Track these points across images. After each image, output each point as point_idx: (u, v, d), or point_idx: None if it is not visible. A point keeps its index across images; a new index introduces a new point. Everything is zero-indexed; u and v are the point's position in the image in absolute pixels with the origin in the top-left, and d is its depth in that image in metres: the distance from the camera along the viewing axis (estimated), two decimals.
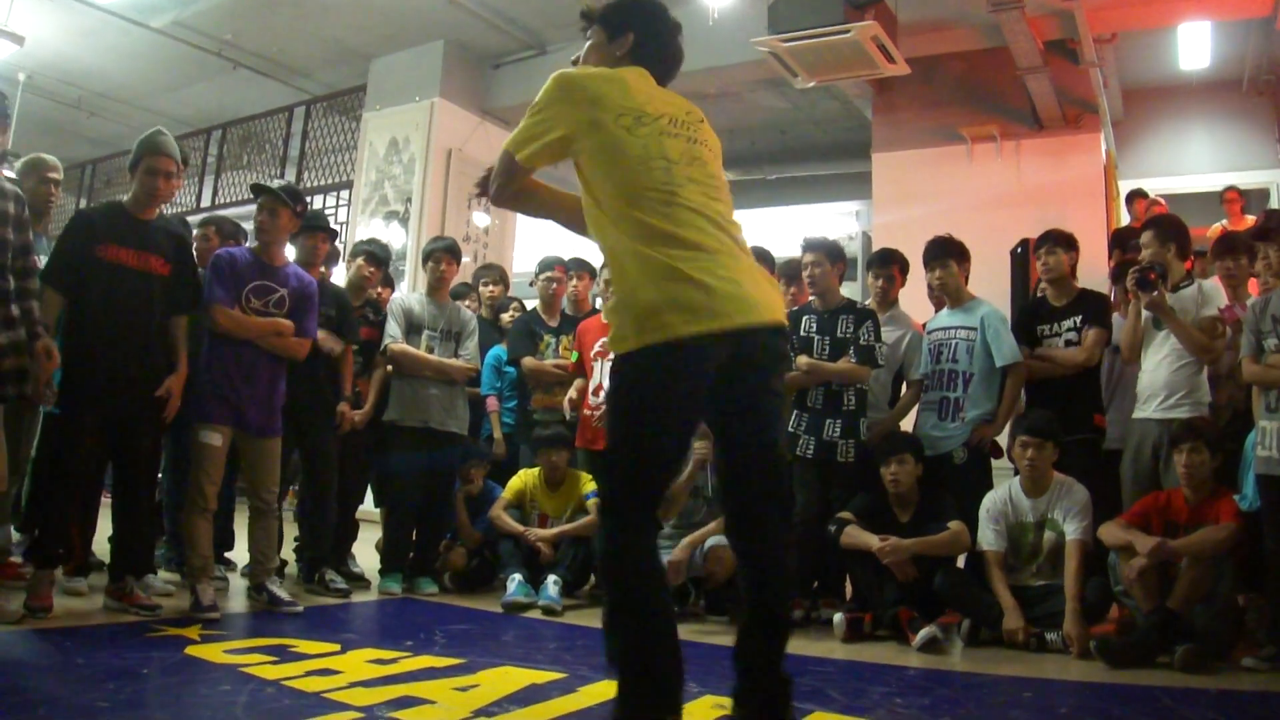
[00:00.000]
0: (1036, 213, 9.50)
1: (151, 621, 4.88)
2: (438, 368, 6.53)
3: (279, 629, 5.09)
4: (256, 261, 5.59)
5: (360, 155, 11.99)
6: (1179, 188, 11.29)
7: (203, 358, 5.53)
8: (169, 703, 3.48)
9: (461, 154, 11.43)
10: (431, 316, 6.63)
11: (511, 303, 7.81)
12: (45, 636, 4.48)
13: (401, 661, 4.36)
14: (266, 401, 5.55)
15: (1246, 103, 11.72)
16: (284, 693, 3.73)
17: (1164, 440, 5.40)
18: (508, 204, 3.51)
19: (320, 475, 6.00)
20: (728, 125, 13.51)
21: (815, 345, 5.91)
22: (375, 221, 11.45)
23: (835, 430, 5.83)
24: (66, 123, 13.81)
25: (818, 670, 4.69)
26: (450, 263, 6.78)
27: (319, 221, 6.46)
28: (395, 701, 3.67)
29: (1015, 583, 5.40)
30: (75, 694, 3.53)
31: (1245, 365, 5.00)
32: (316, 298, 5.80)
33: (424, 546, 6.72)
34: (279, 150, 13.71)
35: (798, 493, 5.89)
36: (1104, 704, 4.21)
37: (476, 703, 3.68)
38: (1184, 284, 5.66)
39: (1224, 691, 4.32)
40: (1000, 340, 5.87)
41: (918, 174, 11.04)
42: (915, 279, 6.64)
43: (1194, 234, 6.43)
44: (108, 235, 5.05)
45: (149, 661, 4.06)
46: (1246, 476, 5.12)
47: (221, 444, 5.39)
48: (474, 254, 11.10)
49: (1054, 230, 6.19)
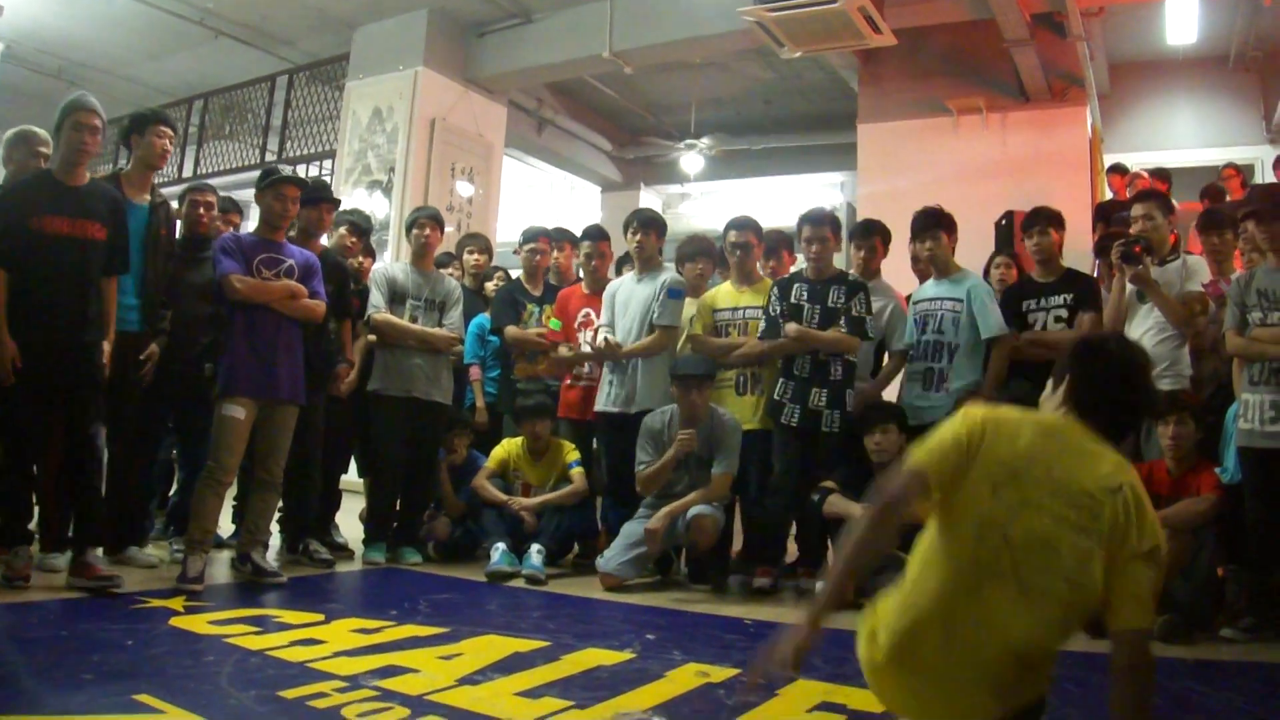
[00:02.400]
0: (1021, 185, 9.53)
1: (135, 593, 4.87)
2: (421, 337, 6.51)
3: (263, 600, 5.10)
4: (260, 239, 5.61)
5: (343, 125, 11.90)
6: (1164, 162, 11.29)
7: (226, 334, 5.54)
8: (154, 674, 3.47)
9: (445, 123, 11.37)
10: (415, 285, 6.61)
11: (495, 272, 7.79)
12: (29, 609, 4.47)
13: (385, 631, 4.37)
14: (293, 366, 5.59)
15: (1233, 78, 11.73)
16: (268, 663, 3.73)
17: None
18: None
19: (306, 446, 5.97)
20: (712, 95, 13.51)
21: (805, 313, 5.90)
22: (358, 191, 11.38)
23: (821, 399, 5.83)
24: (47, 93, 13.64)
25: None
26: (434, 230, 6.76)
27: (323, 193, 6.42)
28: (379, 670, 3.67)
29: None
30: (59, 666, 3.52)
31: (1229, 338, 5.01)
32: (319, 266, 5.81)
33: (408, 516, 6.71)
34: (261, 120, 13.61)
35: (776, 460, 5.92)
36: (1084, 672, 4.21)
37: (460, 671, 3.69)
38: (1170, 258, 5.67)
39: (1203, 661, 4.36)
40: (987, 312, 5.87)
41: (903, 145, 11.04)
42: (897, 250, 6.64)
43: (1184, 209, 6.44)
44: (40, 206, 4.96)
45: (134, 633, 4.06)
46: (1228, 449, 5.15)
47: (245, 418, 5.38)
48: (458, 223, 11.05)
49: (1044, 208, 6.17)
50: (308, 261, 5.71)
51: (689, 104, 13.40)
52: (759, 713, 3.35)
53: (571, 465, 6.45)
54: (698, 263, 6.67)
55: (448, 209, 10.72)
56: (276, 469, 5.63)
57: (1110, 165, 10.91)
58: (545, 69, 11.72)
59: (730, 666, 3.94)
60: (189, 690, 3.27)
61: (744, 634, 4.73)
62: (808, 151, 14.62)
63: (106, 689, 3.23)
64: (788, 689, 3.61)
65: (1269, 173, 10.41)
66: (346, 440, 6.80)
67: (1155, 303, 5.47)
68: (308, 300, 5.61)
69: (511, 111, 12.72)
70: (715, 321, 6.36)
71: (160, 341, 5.68)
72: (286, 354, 5.54)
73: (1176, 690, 3.88)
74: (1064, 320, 5.89)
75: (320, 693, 3.34)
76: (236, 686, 3.37)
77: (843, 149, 12.97)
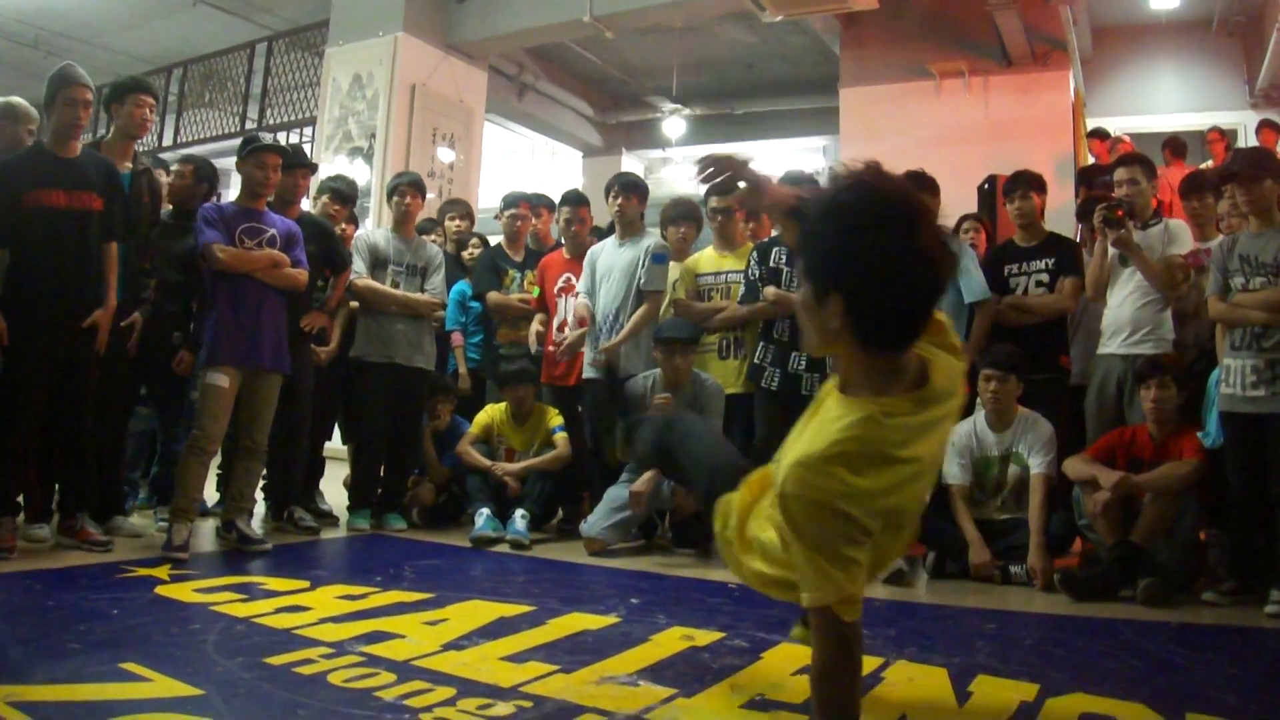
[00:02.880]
0: (1004, 149, 9.53)
1: (121, 562, 4.87)
2: (403, 303, 6.49)
3: (248, 567, 5.10)
4: (241, 209, 5.59)
5: (323, 91, 11.82)
6: (1147, 127, 11.31)
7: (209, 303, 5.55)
8: (140, 642, 3.47)
9: (425, 89, 11.30)
10: (397, 251, 6.58)
11: (471, 239, 7.75)
12: (13, 580, 4.46)
13: (371, 597, 4.37)
14: (277, 335, 5.58)
15: (1216, 43, 11.73)
16: (254, 630, 3.73)
17: (1128, 376, 5.45)
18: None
19: (291, 412, 5.96)
20: (694, 60, 13.43)
21: (784, 277, 5.90)
22: (339, 158, 11.32)
23: (801, 363, 5.82)
24: (24, 63, 13.55)
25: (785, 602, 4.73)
26: (415, 196, 6.73)
27: (299, 158, 6.38)
28: (365, 636, 3.68)
29: (980, 516, 5.45)
30: (46, 636, 3.52)
31: (1211, 304, 5.02)
32: (301, 234, 5.78)
33: (392, 482, 6.72)
34: (241, 88, 13.54)
35: (758, 424, 5.93)
36: (1067, 636, 4.26)
37: (446, 636, 3.70)
38: (1153, 222, 5.67)
39: (1185, 625, 4.39)
40: (969, 276, 5.87)
41: (885, 110, 11.03)
42: None
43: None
44: (35, 180, 4.99)
45: (119, 602, 4.05)
46: (1210, 413, 5.17)
47: (229, 386, 5.38)
48: (439, 190, 11.01)
49: (1024, 172, 6.17)
50: (290, 230, 5.69)
51: (670, 68, 13.34)
52: (744, 676, 3.36)
53: (555, 430, 6.45)
54: (680, 226, 6.64)
55: (429, 175, 10.66)
56: (261, 437, 5.63)
57: (1091, 130, 10.91)
58: (526, 33, 11.64)
59: (715, 630, 3.95)
60: (175, 658, 3.27)
61: (728, 598, 4.74)
62: (790, 116, 14.58)
63: (93, 658, 3.23)
64: (772, 652, 3.63)
65: (1252, 138, 10.42)
66: (330, 407, 6.78)
67: (1137, 266, 5.48)
68: (290, 269, 5.59)
69: (492, 77, 12.64)
70: (698, 286, 6.37)
71: (144, 310, 5.66)
72: (270, 322, 5.52)
73: (1158, 652, 3.92)
74: (1045, 285, 5.90)
75: (306, 659, 3.34)
76: (223, 654, 3.37)
77: (825, 113, 12.94)
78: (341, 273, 6.36)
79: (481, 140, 12.38)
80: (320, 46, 12.23)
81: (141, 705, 2.76)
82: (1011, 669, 3.49)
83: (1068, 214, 8.28)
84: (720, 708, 3.02)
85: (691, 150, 15.58)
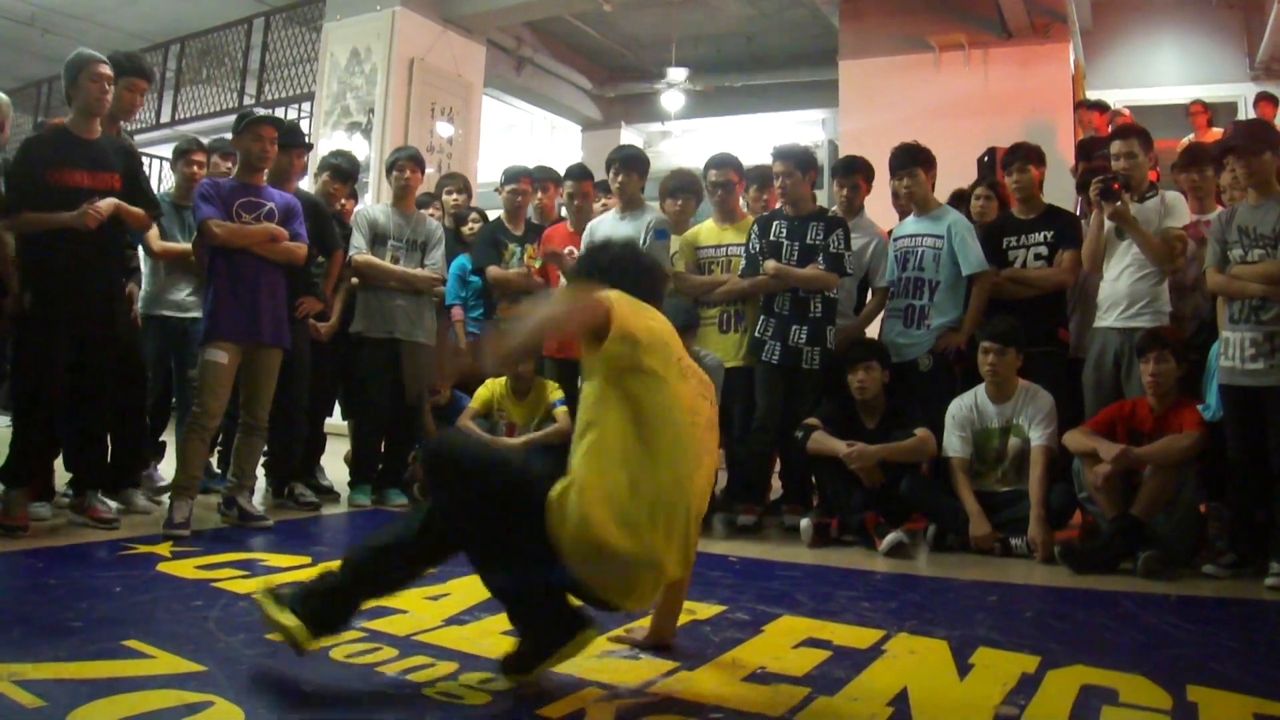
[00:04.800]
0: (1004, 122, 9.50)
1: (123, 540, 4.89)
2: (403, 278, 6.49)
3: (250, 543, 5.11)
4: (239, 184, 5.58)
5: (321, 67, 11.79)
6: (1147, 99, 11.26)
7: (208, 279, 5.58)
8: (142, 619, 3.48)
9: (424, 64, 11.27)
10: (397, 227, 6.57)
11: (470, 214, 7.73)
12: (17, 558, 4.47)
13: None
14: (276, 309, 5.59)
15: (1216, 15, 11.68)
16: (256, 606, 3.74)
17: (1125, 349, 5.45)
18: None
19: (291, 388, 5.96)
20: (693, 32, 13.40)
21: (784, 250, 5.90)
22: (338, 133, 11.30)
23: (801, 336, 5.83)
24: (20, 40, 13.51)
25: (785, 575, 4.76)
26: (414, 171, 6.71)
27: (294, 138, 6.36)
28: (366, 612, 3.65)
29: (980, 488, 5.47)
30: (48, 613, 3.53)
31: (1209, 276, 5.01)
32: (300, 208, 5.78)
33: (392, 458, 6.73)
34: (239, 63, 13.49)
35: (759, 397, 5.93)
36: (1067, 608, 4.27)
37: (448, 611, 3.71)
38: (1149, 194, 5.66)
39: (1184, 597, 4.39)
40: (967, 248, 5.87)
41: (884, 82, 11.00)
42: (880, 187, 6.63)
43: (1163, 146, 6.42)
44: (59, 160, 5.03)
45: (121, 579, 4.06)
46: (1210, 386, 5.17)
47: (228, 362, 5.38)
48: (438, 164, 10.98)
49: (1023, 144, 6.14)
50: (287, 204, 5.68)
51: (669, 42, 13.29)
52: (746, 649, 3.38)
53: (556, 404, 6.44)
54: (679, 198, 6.62)
55: (428, 150, 10.64)
56: (261, 413, 5.63)
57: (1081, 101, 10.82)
58: (524, 7, 11.63)
59: (716, 604, 3.98)
60: (178, 635, 3.28)
61: (729, 571, 4.76)
62: (789, 89, 14.53)
63: (95, 635, 3.24)
64: (773, 625, 3.64)
65: (1251, 110, 10.38)
66: (330, 383, 6.78)
67: (1134, 239, 5.46)
68: (288, 243, 5.58)
69: (490, 51, 12.61)
70: (698, 259, 6.35)
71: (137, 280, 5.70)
72: (269, 297, 5.52)
73: (1158, 625, 3.93)
74: (1044, 258, 5.89)
75: None
76: (225, 630, 3.38)
77: (824, 86, 12.89)
78: (333, 255, 6.35)
79: (480, 114, 12.35)
80: (318, 21, 12.19)
81: (144, 682, 2.77)
82: (1012, 641, 3.51)
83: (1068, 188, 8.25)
84: (722, 681, 3.03)
85: (691, 123, 15.53)
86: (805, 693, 2.89)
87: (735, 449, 6.20)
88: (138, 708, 2.57)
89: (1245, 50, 11.52)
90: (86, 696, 2.63)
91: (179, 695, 2.67)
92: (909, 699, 2.85)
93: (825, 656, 3.29)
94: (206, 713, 2.57)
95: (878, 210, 6.74)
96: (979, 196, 6.60)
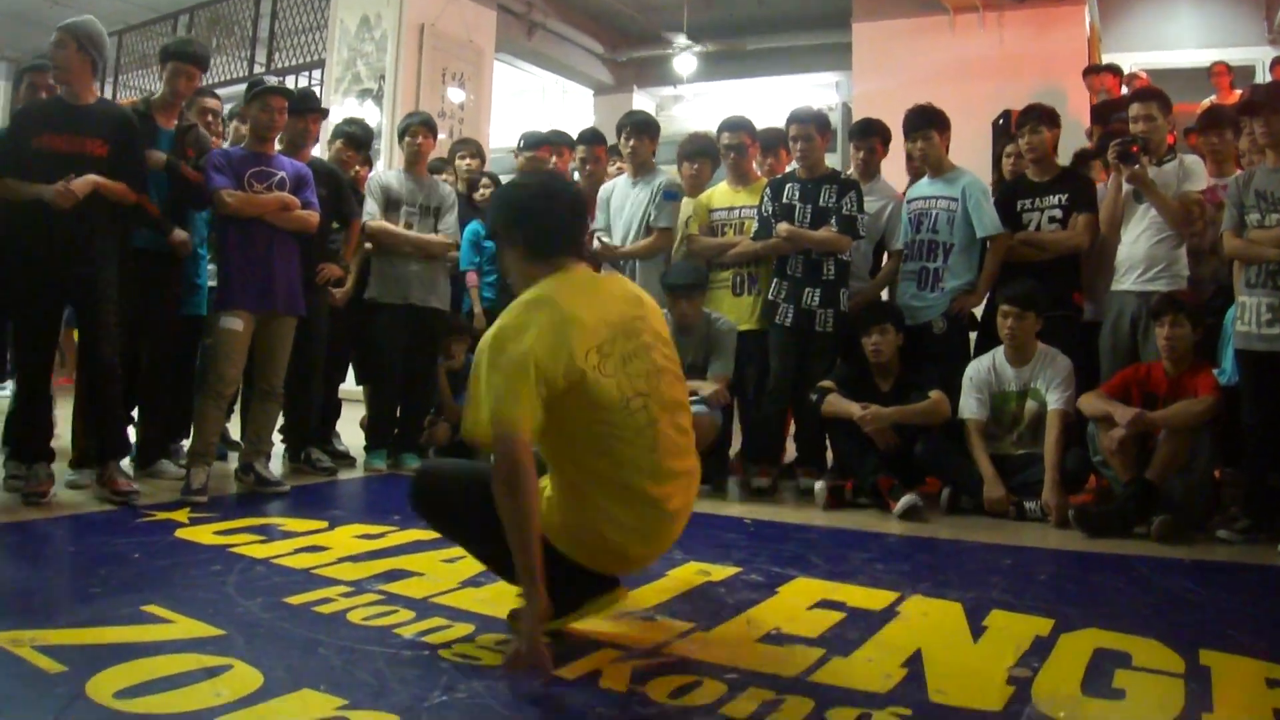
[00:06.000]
0: (1018, 85, 9.45)
1: (142, 506, 4.92)
2: (417, 243, 6.49)
3: (267, 509, 5.14)
4: (250, 153, 5.58)
5: (331, 34, 11.74)
6: (1163, 63, 11.17)
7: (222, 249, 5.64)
8: (161, 585, 3.51)
9: (434, 29, 11.23)
10: (410, 192, 6.56)
11: (483, 179, 7.71)
12: (37, 526, 4.51)
13: (389, 536, 4.42)
14: (289, 277, 5.60)
15: None
16: (274, 570, 3.77)
17: (1142, 313, 5.43)
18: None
19: (307, 354, 5.97)
20: None
21: (797, 213, 5.88)
22: (349, 100, 11.27)
23: (814, 299, 5.82)
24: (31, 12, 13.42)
25: (800, 537, 4.78)
26: (426, 136, 6.69)
27: (309, 103, 6.35)
28: (384, 575, 3.71)
29: (995, 451, 5.47)
30: (68, 579, 3.58)
31: (1226, 239, 4.98)
32: (312, 176, 5.78)
33: (408, 422, 6.74)
34: (248, 32, 13.41)
35: (772, 359, 5.94)
36: (1081, 571, 4.28)
37: (464, 573, 3.73)
38: (1167, 158, 5.62)
39: (1198, 562, 4.40)
40: (982, 211, 5.85)
41: (898, 45, 10.93)
42: (896, 149, 6.60)
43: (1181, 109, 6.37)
44: (42, 125, 5.02)
45: (140, 546, 4.09)
46: (1226, 351, 5.16)
47: (242, 330, 5.40)
48: (450, 130, 10.94)
49: (1036, 106, 6.09)
50: (299, 172, 5.67)
51: (681, 4, 13.20)
52: (760, 610, 3.40)
53: None
54: (695, 162, 6.60)
55: (439, 115, 10.59)
56: (276, 380, 5.65)
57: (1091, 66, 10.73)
58: None
59: (731, 565, 4.00)
60: (197, 600, 3.31)
61: (744, 533, 4.78)
62: (802, 51, 14.41)
63: (115, 601, 3.27)
64: (787, 587, 3.66)
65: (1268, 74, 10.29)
66: (345, 349, 6.80)
67: (1152, 203, 5.44)
68: (300, 211, 5.58)
69: (501, 15, 12.54)
70: (711, 221, 6.34)
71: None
72: (282, 265, 5.53)
73: (1172, 589, 3.94)
74: (1059, 220, 5.86)
75: (326, 598, 3.38)
76: (243, 595, 3.40)
77: (838, 48, 12.80)
78: (351, 224, 6.36)
79: (491, 80, 12.31)
80: None
81: (164, 647, 2.80)
82: (1026, 604, 3.52)
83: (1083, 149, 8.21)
84: (737, 641, 3.05)
85: (703, 87, 15.44)
86: (819, 654, 2.90)
87: (750, 412, 6.21)
88: (157, 672, 2.59)
89: (1263, 13, 11.40)
90: (107, 661, 2.65)
91: (198, 659, 2.70)
92: (923, 660, 2.86)
93: (839, 618, 3.30)
94: (225, 676, 2.59)
95: (891, 173, 6.71)
96: (1009, 154, 6.56)
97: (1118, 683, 2.72)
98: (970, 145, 7.22)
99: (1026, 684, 2.68)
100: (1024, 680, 2.71)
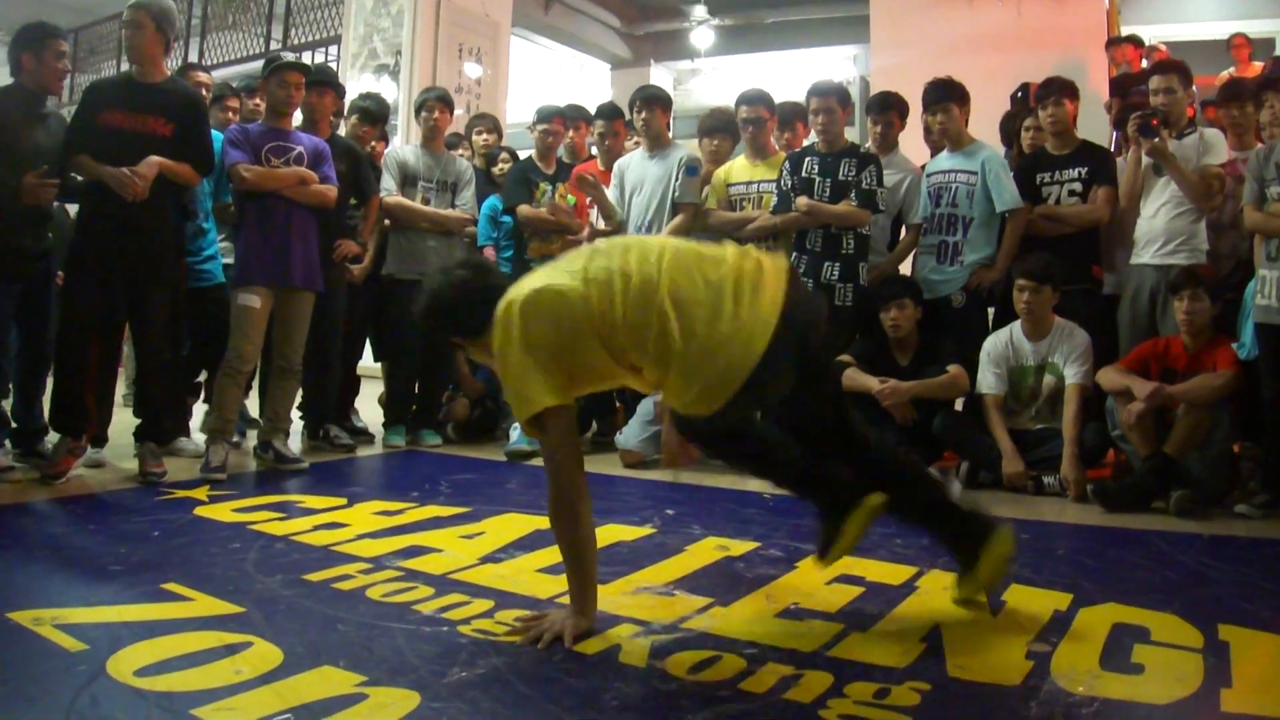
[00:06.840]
0: (1037, 57, 9.34)
1: (161, 485, 4.94)
2: (433, 219, 6.50)
3: (286, 486, 5.17)
4: (267, 128, 5.60)
5: (347, 9, 11.73)
6: (1183, 35, 11.07)
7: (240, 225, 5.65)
8: (181, 562, 3.53)
9: (450, 4, 11.21)
10: (427, 167, 6.57)
11: (500, 153, 7.70)
12: (58, 504, 4.55)
13: (408, 512, 4.44)
14: (307, 253, 5.61)
15: None
16: (293, 547, 3.79)
17: (1161, 287, 5.39)
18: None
19: (325, 330, 5.99)
20: None
21: (816, 187, 5.85)
22: (365, 76, 11.27)
23: (834, 273, 5.80)
24: None
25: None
26: (443, 111, 6.70)
27: (325, 77, 6.36)
28: (402, 551, 3.73)
29: (1014, 426, 5.45)
30: (88, 558, 3.59)
31: (1247, 213, 4.95)
32: (329, 151, 5.80)
33: (426, 398, 6.77)
34: (264, 8, 13.40)
35: None
36: (1100, 546, 4.27)
37: (483, 549, 3.75)
38: (1187, 131, 5.58)
39: (1217, 537, 4.38)
40: (1001, 185, 5.81)
41: (917, 17, 10.84)
42: (914, 123, 6.57)
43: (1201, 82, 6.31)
44: (109, 102, 5.05)
45: (159, 524, 4.13)
46: (1246, 325, 5.12)
47: (260, 306, 5.42)
48: (466, 105, 10.94)
49: (1057, 78, 6.03)
50: (317, 147, 5.69)
51: None
52: (778, 585, 3.40)
53: None
54: (715, 138, 6.57)
55: (456, 90, 10.60)
56: (295, 356, 5.67)
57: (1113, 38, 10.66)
58: None
59: (749, 540, 4.01)
60: (216, 577, 3.33)
61: (763, 508, 4.77)
62: (820, 24, 14.37)
63: (135, 579, 3.29)
64: (806, 561, 3.65)
65: None
66: (363, 325, 6.80)
67: (1172, 176, 5.40)
68: (318, 185, 5.58)
69: None
70: (730, 196, 6.32)
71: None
72: (300, 241, 5.54)
73: (1191, 564, 3.92)
74: (1078, 194, 5.81)
75: (345, 575, 3.39)
76: (262, 572, 3.42)
77: (856, 21, 12.72)
78: (369, 200, 6.36)
79: (508, 54, 12.29)
80: None
81: (184, 624, 2.82)
82: (1044, 579, 3.51)
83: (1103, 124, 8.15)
84: (755, 616, 3.06)
85: (721, 60, 15.39)
86: (838, 628, 2.91)
87: None
88: (178, 649, 2.61)
89: None
90: (127, 639, 2.68)
91: (218, 636, 2.72)
92: (941, 635, 2.86)
93: (858, 593, 3.31)
94: (246, 653, 2.61)
95: (909, 146, 6.67)
96: (1028, 127, 6.52)
97: (1136, 657, 2.72)
98: (989, 118, 7.15)
99: (1045, 659, 2.68)
100: (1043, 655, 2.71)
